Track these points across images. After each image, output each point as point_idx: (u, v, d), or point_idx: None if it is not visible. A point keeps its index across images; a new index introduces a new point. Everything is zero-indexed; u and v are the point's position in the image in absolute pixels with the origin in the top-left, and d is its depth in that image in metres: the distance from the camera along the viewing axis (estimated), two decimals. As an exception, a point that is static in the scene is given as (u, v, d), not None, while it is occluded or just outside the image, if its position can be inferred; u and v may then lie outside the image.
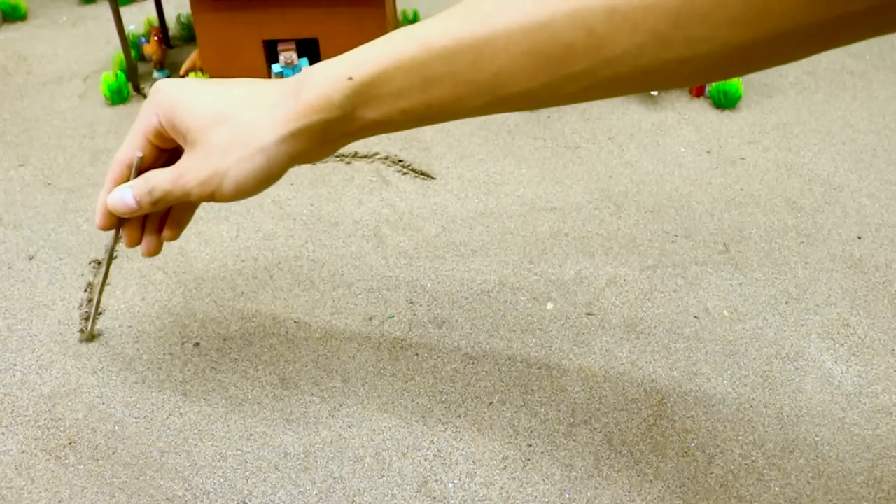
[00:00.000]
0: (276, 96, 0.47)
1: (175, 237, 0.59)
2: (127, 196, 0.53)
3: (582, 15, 0.38)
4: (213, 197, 0.49)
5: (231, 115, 0.48)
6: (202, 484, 0.57)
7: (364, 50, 0.45)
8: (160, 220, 0.59)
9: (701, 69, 0.38)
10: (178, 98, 0.50)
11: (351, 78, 0.44)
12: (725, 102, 1.01)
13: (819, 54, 0.47)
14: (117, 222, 0.57)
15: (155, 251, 0.59)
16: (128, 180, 0.55)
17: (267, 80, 0.50)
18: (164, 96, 0.51)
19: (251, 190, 0.49)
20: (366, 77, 0.44)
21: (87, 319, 0.70)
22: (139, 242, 0.59)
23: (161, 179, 0.51)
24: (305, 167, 0.92)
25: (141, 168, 0.54)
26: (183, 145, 0.51)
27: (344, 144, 0.49)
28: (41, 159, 0.95)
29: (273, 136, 0.47)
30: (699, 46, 0.37)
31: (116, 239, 0.60)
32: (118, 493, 0.56)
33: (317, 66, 0.46)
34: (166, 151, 0.55)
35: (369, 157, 0.94)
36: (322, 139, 0.47)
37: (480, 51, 0.41)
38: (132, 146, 0.54)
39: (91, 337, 0.69)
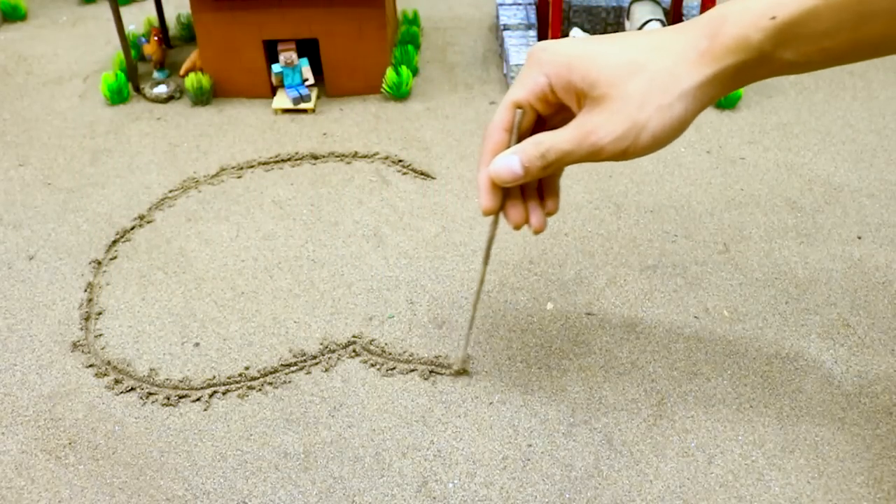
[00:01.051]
0: (685, 40, 0.45)
1: (556, 209, 0.55)
2: (513, 163, 0.49)
3: None
4: (624, 153, 0.46)
5: (644, 63, 0.45)
6: (202, 484, 0.57)
7: None
8: (537, 193, 0.55)
9: None
10: (575, 54, 0.47)
11: (774, 17, 0.42)
12: (725, 102, 1.01)
13: None
14: (501, 203, 0.53)
15: (544, 226, 0.55)
16: (506, 148, 0.51)
17: (666, 28, 0.48)
18: (554, 55, 0.48)
19: (666, 140, 0.46)
20: (791, 16, 0.42)
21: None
22: (525, 220, 0.54)
23: (558, 140, 0.48)
24: (306, 167, 0.92)
25: (521, 133, 0.51)
26: (574, 105, 0.48)
27: (746, 84, 0.47)
28: (41, 159, 0.95)
29: (693, 80, 0.45)
30: None
31: (496, 224, 0.56)
32: (118, 493, 0.56)
33: (728, 5, 0.44)
34: (536, 118, 0.52)
35: (369, 157, 0.94)
36: (732, 82, 0.45)
37: None
38: (510, 111, 0.51)
39: (464, 367, 0.64)
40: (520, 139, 0.51)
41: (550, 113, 0.51)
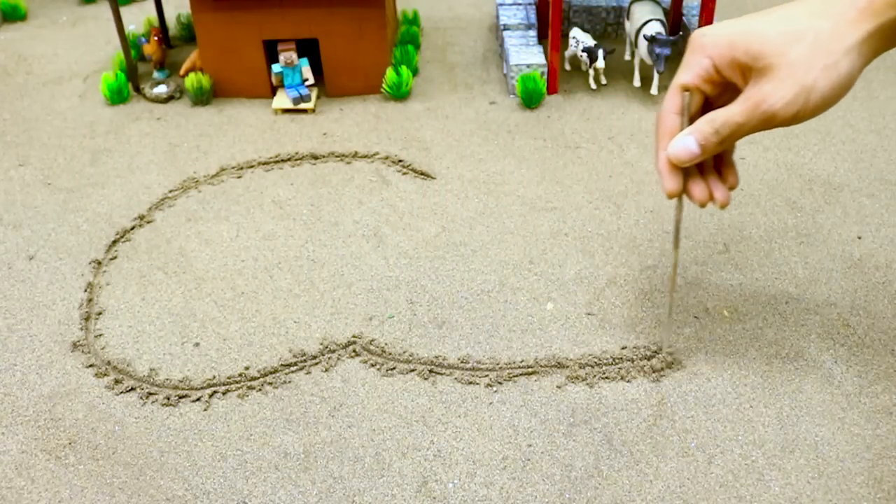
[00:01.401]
0: (842, 1, 0.47)
1: (737, 182, 0.57)
2: (689, 142, 0.52)
3: None
4: (796, 117, 0.48)
5: (804, 29, 0.47)
6: (202, 484, 0.57)
7: None
8: (715, 170, 0.57)
9: None
10: (735, 31, 0.50)
11: None
12: (725, 102, 1.01)
13: None
14: (683, 185, 0.55)
15: (728, 200, 0.56)
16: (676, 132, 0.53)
17: None
18: (715, 37, 0.50)
19: (835, 99, 0.48)
20: None
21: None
22: (710, 197, 0.56)
23: (730, 114, 0.50)
24: (306, 167, 0.92)
25: (690, 116, 0.53)
26: (739, 81, 0.50)
27: None
28: (41, 159, 0.95)
29: (855, 37, 0.46)
30: None
31: (682, 206, 0.58)
32: (118, 493, 0.56)
33: None
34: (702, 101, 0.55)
35: (369, 157, 0.94)
36: (893, 37, 0.47)
37: None
38: (679, 96, 0.53)
39: (673, 356, 0.65)
40: (690, 121, 0.53)
41: (716, 94, 0.53)
